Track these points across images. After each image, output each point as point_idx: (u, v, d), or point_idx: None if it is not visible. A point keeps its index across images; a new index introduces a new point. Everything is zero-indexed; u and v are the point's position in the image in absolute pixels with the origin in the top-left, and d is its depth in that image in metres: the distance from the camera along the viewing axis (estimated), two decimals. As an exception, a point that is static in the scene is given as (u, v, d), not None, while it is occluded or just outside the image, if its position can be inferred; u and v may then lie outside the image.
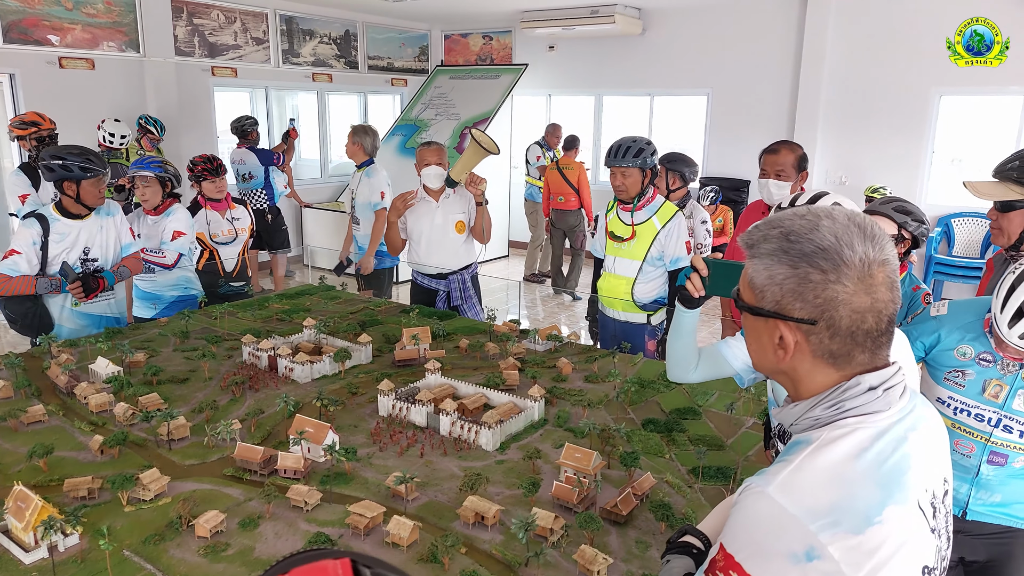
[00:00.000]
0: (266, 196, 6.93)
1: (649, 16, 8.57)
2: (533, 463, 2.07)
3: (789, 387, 1.04)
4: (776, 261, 0.97)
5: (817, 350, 0.97)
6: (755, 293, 1.01)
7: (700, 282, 1.66)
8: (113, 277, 3.26)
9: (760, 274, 0.99)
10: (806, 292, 0.95)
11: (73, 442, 2.23)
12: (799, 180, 2.99)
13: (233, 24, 8.00)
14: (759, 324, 1.02)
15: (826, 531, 0.86)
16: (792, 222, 0.98)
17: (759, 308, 1.00)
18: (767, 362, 1.04)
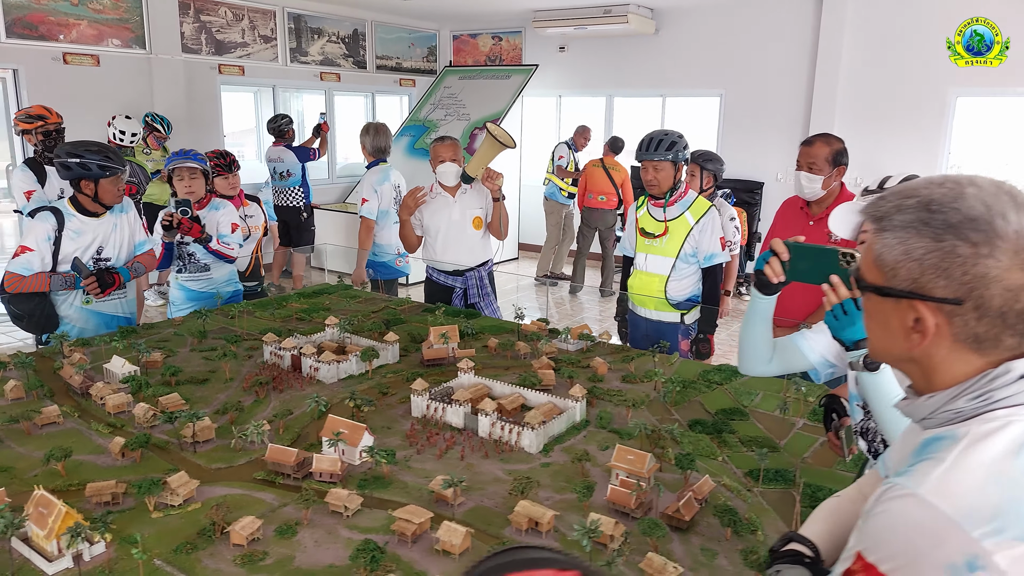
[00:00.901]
0: (302, 194, 6.91)
1: (662, 16, 8.48)
2: (582, 466, 1.95)
3: (918, 377, 0.93)
4: (915, 233, 0.85)
5: (960, 334, 0.85)
6: (884, 271, 0.89)
7: (780, 266, 1.55)
8: (128, 273, 3.14)
9: (893, 249, 0.88)
10: (952, 268, 0.83)
11: (91, 445, 2.11)
12: (835, 175, 2.88)
13: (241, 22, 7.90)
14: (887, 306, 0.90)
15: (990, 538, 0.75)
16: (930, 190, 0.86)
17: (889, 288, 0.89)
18: (894, 349, 0.92)
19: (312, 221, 7.23)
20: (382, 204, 4.63)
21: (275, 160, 6.93)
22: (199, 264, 3.48)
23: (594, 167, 7.53)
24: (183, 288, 3.53)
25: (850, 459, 1.76)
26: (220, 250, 3.41)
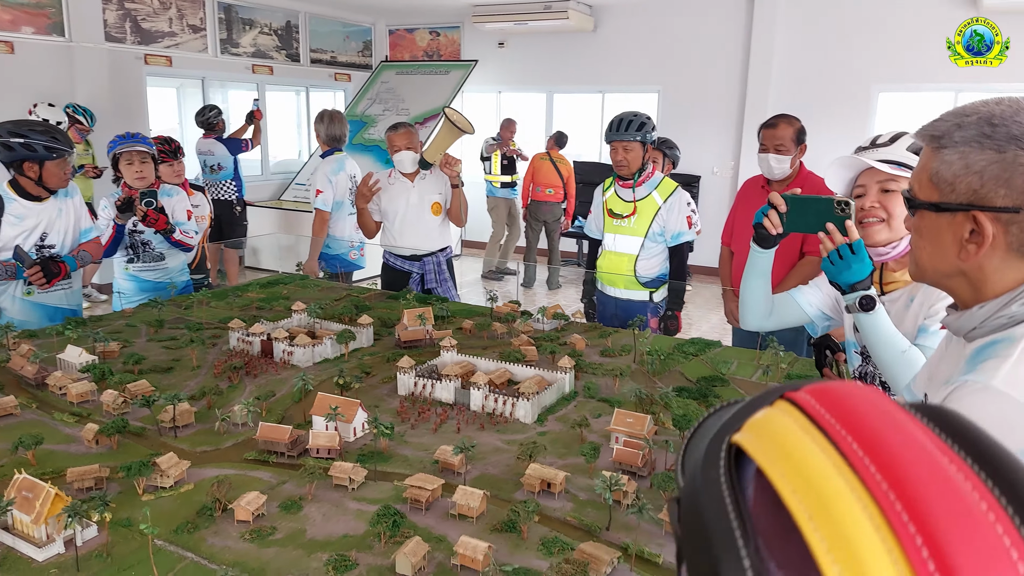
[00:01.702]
0: (235, 187, 6.65)
1: (601, 13, 8.62)
2: (581, 432, 1.96)
3: (966, 291, 0.98)
4: (977, 147, 0.90)
5: (1015, 242, 0.91)
6: (941, 188, 0.94)
7: (778, 219, 1.60)
8: (74, 262, 2.96)
9: (952, 164, 0.92)
10: (1014, 177, 0.88)
11: (58, 435, 1.97)
12: (798, 153, 3.00)
13: (168, 10, 7.57)
14: (942, 221, 0.95)
15: None
16: (990, 108, 0.91)
17: (947, 203, 0.93)
18: (944, 265, 0.97)
19: (245, 216, 7.02)
20: (337, 195, 4.51)
21: (205, 153, 6.70)
22: (154, 253, 3.31)
23: (542, 160, 7.58)
24: (135, 279, 3.34)
25: None
26: (182, 240, 3.26)
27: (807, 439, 0.35)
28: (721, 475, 0.36)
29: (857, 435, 0.33)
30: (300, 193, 8.88)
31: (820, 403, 0.36)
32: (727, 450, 0.37)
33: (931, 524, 0.28)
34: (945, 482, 0.30)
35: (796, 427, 0.36)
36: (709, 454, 0.38)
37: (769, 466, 0.34)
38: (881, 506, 0.30)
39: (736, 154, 8.15)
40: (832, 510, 0.31)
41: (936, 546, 0.28)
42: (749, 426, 0.38)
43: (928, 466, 0.31)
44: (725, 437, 0.38)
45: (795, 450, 0.34)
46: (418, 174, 3.80)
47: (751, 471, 0.36)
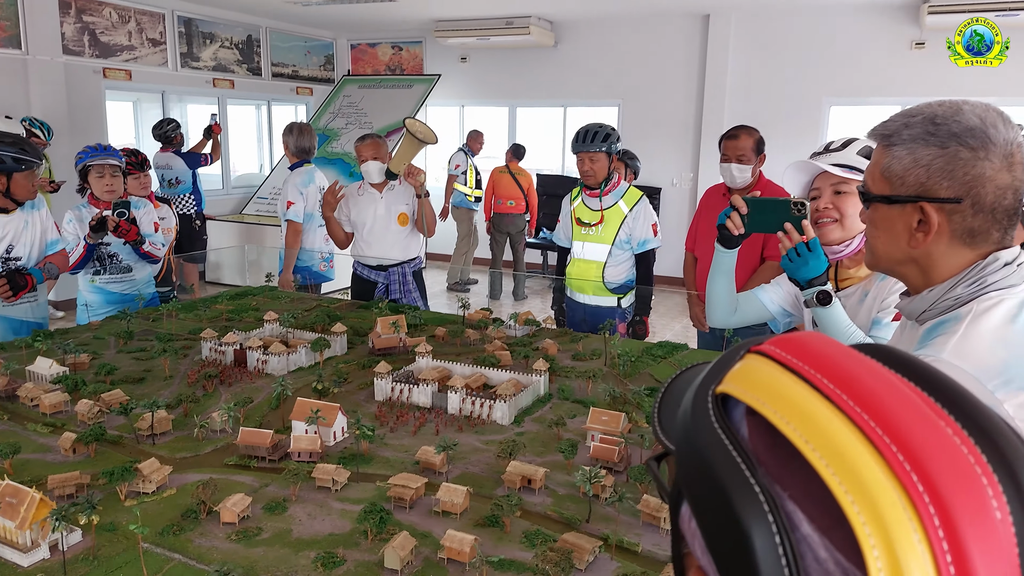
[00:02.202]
0: (194, 201, 6.59)
1: (562, 29, 8.78)
2: (557, 431, 2.02)
3: (916, 276, 1.07)
4: (922, 144, 0.99)
5: (957, 229, 1.00)
6: (892, 181, 1.03)
7: (740, 220, 1.69)
8: (41, 274, 2.92)
9: (901, 160, 1.02)
10: (956, 170, 0.97)
11: (33, 444, 1.96)
12: (758, 162, 3.13)
13: (127, 24, 7.48)
14: (893, 213, 1.04)
15: (1001, 389, 0.90)
16: (932, 109, 1.01)
17: (898, 195, 1.03)
18: (897, 252, 1.06)
19: (204, 230, 6.96)
20: (308, 207, 4.52)
21: (163, 167, 6.63)
22: (121, 265, 3.28)
23: (501, 173, 7.67)
24: (101, 291, 3.30)
25: None
26: (151, 251, 3.24)
27: (786, 378, 0.41)
28: (714, 421, 0.42)
29: (823, 370, 0.40)
30: (262, 207, 8.81)
31: (784, 350, 0.43)
32: (713, 400, 0.43)
33: (895, 428, 0.36)
34: (902, 397, 0.38)
35: (771, 369, 0.42)
36: (697, 406, 0.44)
37: (760, 405, 0.40)
38: (856, 423, 0.37)
39: (695, 166, 8.35)
40: (824, 431, 0.37)
41: (902, 444, 0.35)
42: (730, 377, 0.44)
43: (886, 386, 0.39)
44: (708, 390, 0.44)
45: (780, 388, 0.41)
46: (386, 185, 3.84)
47: (738, 414, 0.42)
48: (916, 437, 0.36)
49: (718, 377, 0.45)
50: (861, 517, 0.34)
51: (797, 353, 0.42)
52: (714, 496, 0.39)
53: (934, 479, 0.34)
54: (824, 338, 0.44)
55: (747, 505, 0.37)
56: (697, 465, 0.41)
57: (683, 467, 0.44)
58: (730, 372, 0.44)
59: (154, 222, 3.38)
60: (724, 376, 0.44)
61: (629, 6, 7.63)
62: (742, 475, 0.38)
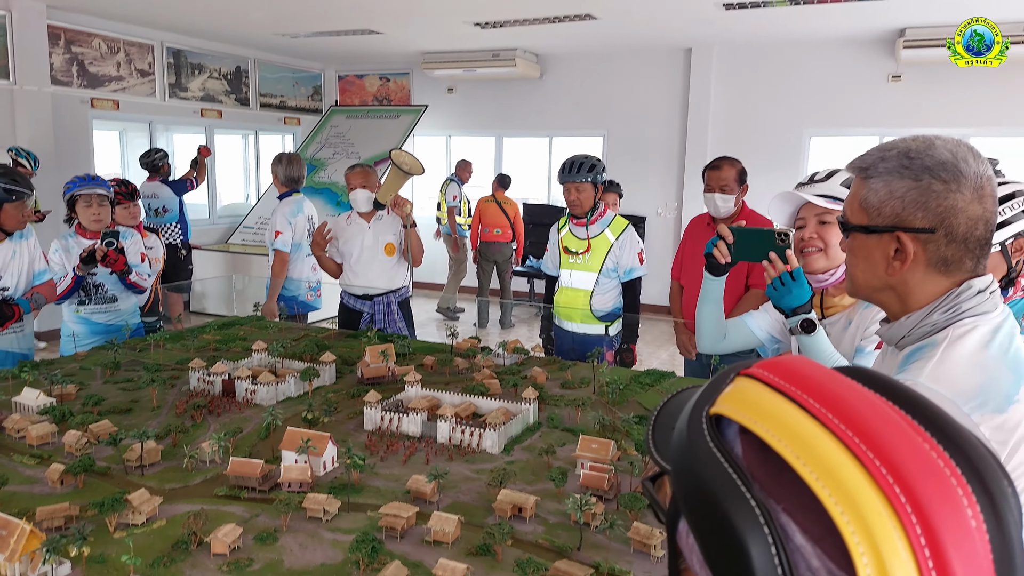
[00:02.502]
0: (180, 230, 6.59)
1: (546, 61, 8.94)
2: (547, 459, 2.03)
3: (894, 303, 1.11)
4: (897, 177, 1.04)
5: (932, 258, 1.05)
6: (869, 212, 1.08)
7: (726, 249, 1.74)
8: (28, 305, 2.91)
9: (878, 192, 1.06)
10: (929, 201, 1.02)
11: (20, 476, 1.94)
12: (741, 192, 3.19)
13: (116, 54, 7.53)
14: (871, 242, 1.09)
15: (976, 412, 0.94)
16: (906, 143, 1.06)
17: (875, 225, 1.07)
18: (875, 280, 1.10)
19: (190, 259, 6.96)
20: (295, 236, 4.55)
21: (149, 196, 6.64)
22: (106, 295, 3.28)
23: (487, 203, 7.75)
24: (86, 322, 3.29)
25: None
26: (137, 281, 3.24)
27: (776, 399, 0.44)
28: (709, 440, 0.45)
29: (810, 392, 0.43)
30: (248, 236, 8.82)
31: (773, 373, 0.46)
32: (707, 420, 0.46)
33: (878, 445, 0.39)
34: (883, 416, 0.41)
35: (762, 391, 0.45)
36: (692, 426, 0.47)
37: (753, 424, 0.44)
38: (842, 439, 0.40)
39: (679, 195, 8.47)
40: (813, 448, 0.40)
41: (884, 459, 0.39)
42: (723, 399, 0.47)
43: (868, 405, 0.42)
44: (702, 411, 0.47)
45: (771, 408, 0.44)
46: (374, 215, 3.88)
47: (731, 433, 0.45)
48: (897, 453, 0.39)
49: (711, 399, 0.47)
50: (850, 527, 0.37)
51: (785, 376, 0.45)
52: (712, 511, 0.41)
53: (915, 491, 0.37)
54: (809, 362, 0.47)
55: (744, 518, 0.39)
56: (695, 482, 0.44)
57: (681, 485, 0.46)
58: (722, 394, 0.47)
59: (141, 252, 3.38)
60: (716, 398, 0.47)
61: (613, 40, 7.80)
62: (738, 490, 0.41)
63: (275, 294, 4.40)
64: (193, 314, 7.79)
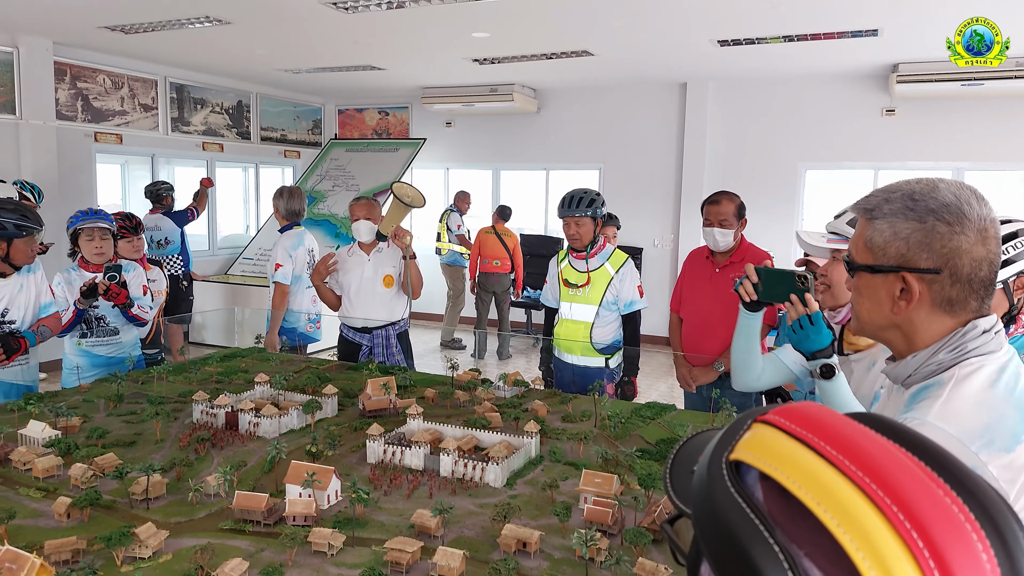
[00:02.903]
0: (182, 261, 6.65)
1: (544, 96, 9.09)
2: (551, 494, 2.04)
3: (900, 342, 1.13)
4: (902, 218, 1.07)
5: (937, 298, 1.07)
6: (874, 252, 1.10)
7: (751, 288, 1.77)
8: (34, 337, 2.93)
9: (883, 233, 1.08)
10: (933, 243, 1.05)
11: (26, 510, 1.95)
12: (740, 226, 3.25)
13: (120, 89, 7.65)
14: (876, 281, 1.11)
15: (984, 451, 0.96)
16: (911, 186, 1.09)
17: (880, 265, 1.09)
18: (881, 318, 1.12)
19: (191, 291, 7.01)
20: (296, 269, 4.59)
21: (152, 228, 6.71)
22: (108, 328, 3.30)
23: (487, 234, 7.82)
24: (88, 354, 3.31)
25: None
26: (138, 315, 3.27)
27: (794, 446, 0.46)
28: (730, 486, 0.47)
29: (826, 438, 0.46)
30: (248, 268, 8.86)
31: (790, 420, 0.48)
32: (727, 466, 0.48)
33: (893, 490, 0.42)
34: (897, 462, 0.44)
35: (780, 437, 0.47)
36: (712, 472, 0.48)
37: (773, 471, 0.46)
38: (859, 485, 0.43)
39: (675, 227, 8.55)
40: (832, 494, 0.43)
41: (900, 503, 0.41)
42: (742, 445, 0.49)
43: (882, 451, 0.45)
44: (722, 457, 0.49)
45: (790, 455, 0.46)
46: (375, 247, 3.92)
47: (751, 479, 0.47)
48: (912, 497, 0.42)
49: (730, 444, 0.49)
50: (872, 572, 0.39)
51: (802, 423, 0.47)
52: (737, 556, 0.43)
53: (930, 534, 0.40)
54: (824, 408, 0.49)
55: (769, 563, 0.42)
56: (718, 527, 0.46)
57: (703, 529, 0.48)
58: (740, 440, 0.49)
59: (143, 285, 3.42)
60: (735, 444, 0.49)
61: (610, 75, 7.94)
62: (761, 536, 0.43)
63: (276, 326, 4.43)
64: (193, 345, 7.80)
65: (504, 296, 7.94)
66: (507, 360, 7.89)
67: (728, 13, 5.38)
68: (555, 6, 5.26)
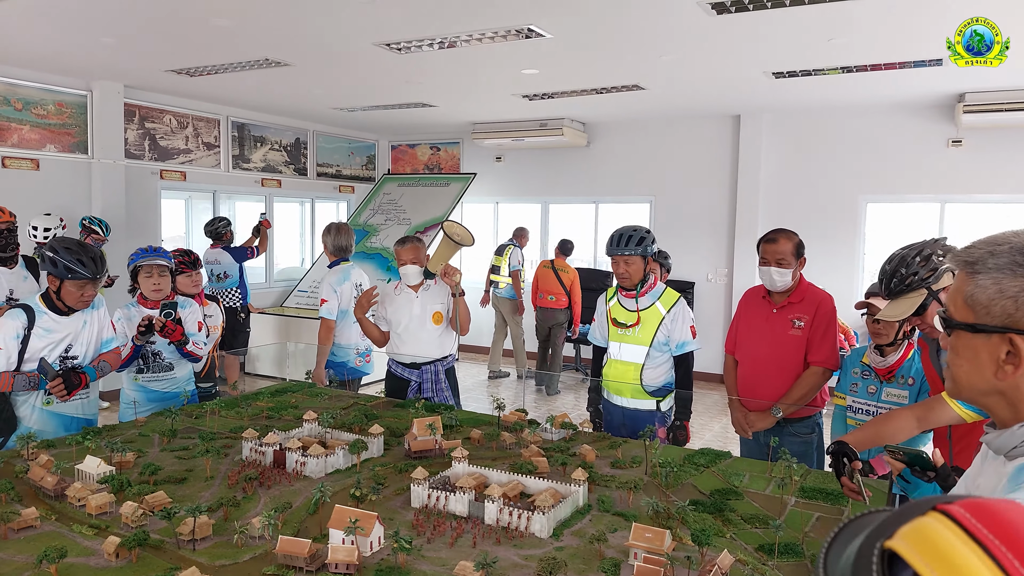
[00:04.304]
0: (240, 294, 6.88)
1: (593, 129, 9.10)
2: (599, 548, 1.97)
3: (1004, 409, 1.02)
4: (1010, 275, 0.97)
5: None
6: (976, 310, 1.00)
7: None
8: (94, 373, 3.02)
9: (987, 289, 0.99)
10: None
11: (78, 547, 1.97)
12: (798, 266, 3.14)
13: (185, 129, 7.97)
14: (977, 342, 1.01)
15: None
16: (1020, 239, 1.00)
17: (983, 324, 1.00)
18: (981, 383, 1.02)
19: (248, 323, 7.19)
20: (342, 304, 4.65)
21: (212, 262, 6.95)
22: (163, 364, 3.38)
23: (545, 268, 7.86)
24: (143, 389, 3.39)
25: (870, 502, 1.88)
26: (193, 351, 3.34)
27: (966, 550, 0.39)
28: None
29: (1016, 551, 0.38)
30: (303, 300, 9.04)
31: (976, 518, 0.40)
32: (879, 554, 0.41)
33: None
34: None
35: (954, 538, 0.40)
36: (861, 557, 0.42)
37: (929, 573, 0.39)
38: None
39: (729, 261, 8.38)
40: None
41: None
42: (903, 534, 0.42)
43: None
44: (876, 542, 0.42)
45: (955, 560, 0.39)
46: (422, 285, 3.94)
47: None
48: None
49: (890, 531, 0.43)
50: None
51: (990, 523, 0.40)
52: None
53: None
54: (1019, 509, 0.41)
55: None
56: None
57: None
58: (905, 527, 0.42)
59: (199, 321, 3.49)
60: (897, 531, 0.42)
61: (660, 108, 7.90)
62: None
63: (323, 361, 4.50)
64: (248, 375, 7.98)
65: (557, 331, 7.90)
66: (555, 396, 7.81)
67: (782, 46, 5.31)
68: (605, 43, 5.28)
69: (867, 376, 2.89)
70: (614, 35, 5.07)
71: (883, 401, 2.82)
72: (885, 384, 2.83)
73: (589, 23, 4.79)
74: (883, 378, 2.83)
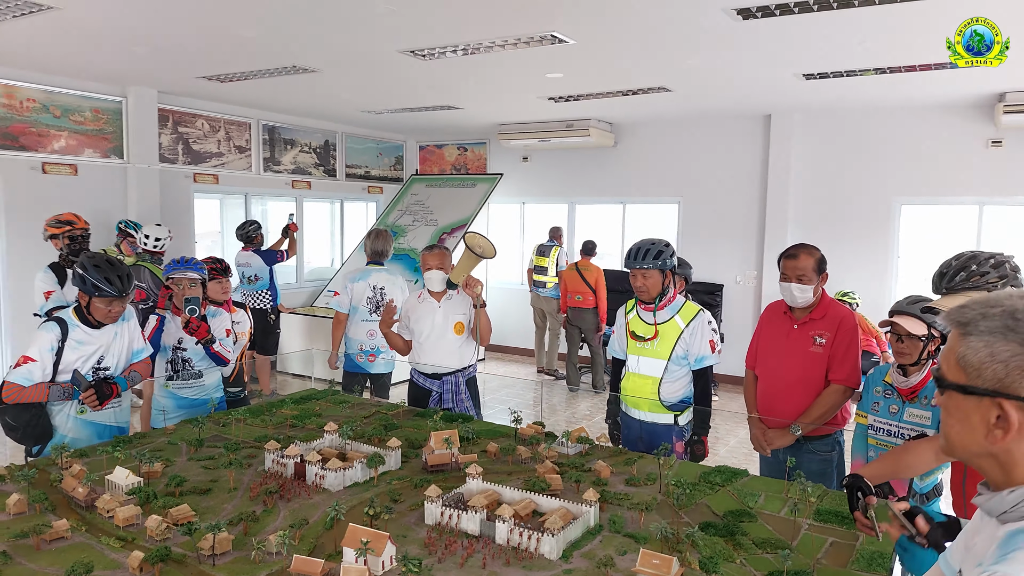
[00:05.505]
0: (270, 296, 7.09)
1: (620, 129, 9.05)
2: (606, 572, 1.99)
3: (996, 472, 1.01)
4: (1001, 338, 0.96)
5: None
6: (967, 371, 0.99)
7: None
8: (125, 383, 3.12)
9: (978, 352, 0.98)
10: None
11: (104, 560, 2.06)
12: (820, 282, 3.10)
13: (217, 132, 8.13)
14: (969, 404, 0.99)
15: None
16: (1012, 302, 0.98)
17: (974, 387, 0.98)
18: (973, 445, 1.01)
19: (278, 324, 7.34)
20: (353, 300, 5.05)
21: (243, 265, 7.12)
22: (193, 371, 3.48)
23: (570, 270, 7.98)
24: (174, 396, 3.50)
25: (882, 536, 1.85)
26: (220, 352, 3.45)
27: None
28: None
29: None
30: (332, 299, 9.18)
31: None
32: None
33: None
34: None
35: None
36: None
37: None
38: None
39: (758, 263, 8.29)
40: None
41: None
42: None
43: None
44: None
45: None
46: (445, 294, 3.99)
47: None
48: None
49: None
50: None
51: None
52: None
53: None
54: None
55: None
56: None
57: None
58: None
59: (226, 328, 3.59)
60: None
61: (688, 108, 7.83)
62: None
63: (335, 346, 5.04)
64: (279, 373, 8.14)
65: (591, 337, 8.03)
66: (602, 393, 7.86)
67: (812, 49, 5.23)
68: (628, 49, 5.25)
69: (889, 395, 2.85)
70: (637, 41, 5.05)
71: (905, 421, 2.79)
72: (908, 404, 2.80)
73: (611, 30, 4.78)
74: (906, 398, 2.80)
